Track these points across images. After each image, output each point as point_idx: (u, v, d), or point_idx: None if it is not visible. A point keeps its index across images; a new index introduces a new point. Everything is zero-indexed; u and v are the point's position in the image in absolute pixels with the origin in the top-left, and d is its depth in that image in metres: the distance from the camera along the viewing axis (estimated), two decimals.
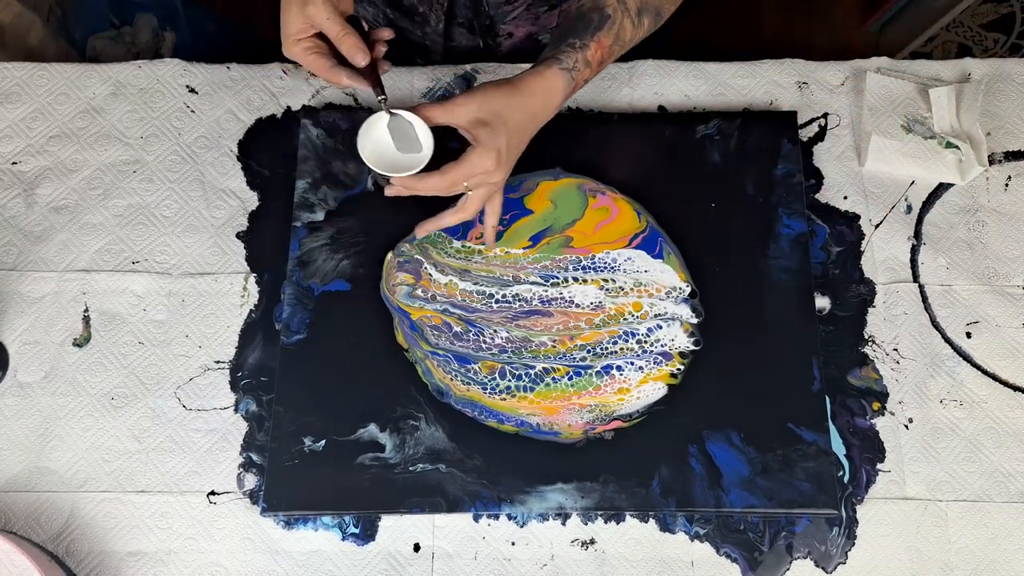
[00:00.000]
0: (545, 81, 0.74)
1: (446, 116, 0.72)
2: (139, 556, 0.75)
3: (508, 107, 0.73)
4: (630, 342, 0.80)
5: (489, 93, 0.73)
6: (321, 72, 0.72)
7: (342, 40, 0.70)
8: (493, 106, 0.72)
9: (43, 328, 0.82)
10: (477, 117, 0.72)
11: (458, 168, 0.71)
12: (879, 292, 0.84)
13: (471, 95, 0.72)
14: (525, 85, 0.74)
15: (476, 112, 0.72)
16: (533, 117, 0.74)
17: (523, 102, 0.73)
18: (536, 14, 0.93)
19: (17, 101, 0.90)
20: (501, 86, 0.73)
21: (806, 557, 0.76)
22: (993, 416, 0.80)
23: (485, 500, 0.75)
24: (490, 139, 0.71)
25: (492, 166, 0.72)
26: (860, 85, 0.91)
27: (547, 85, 0.74)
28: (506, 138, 0.72)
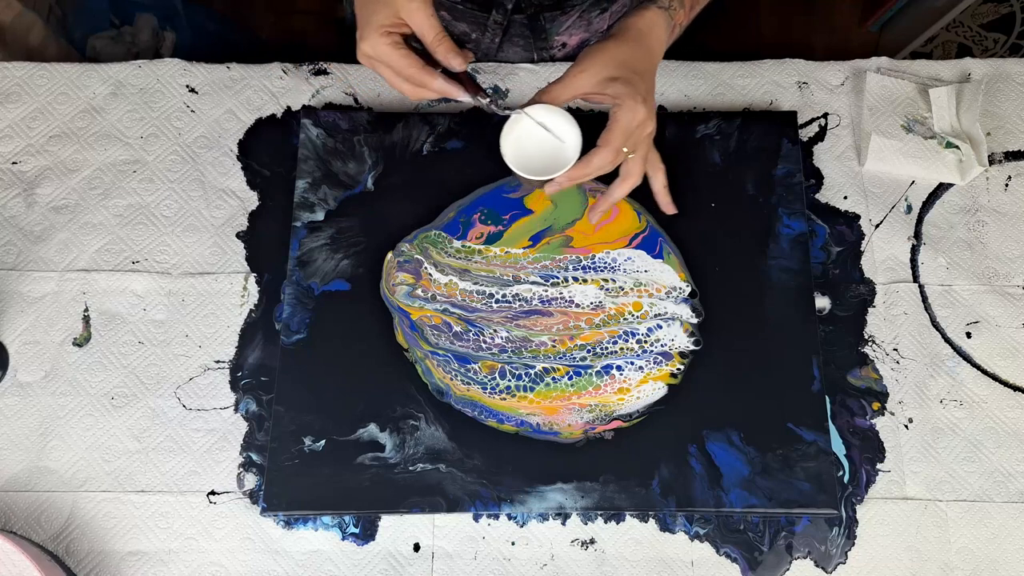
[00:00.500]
0: (646, 20, 0.71)
1: (570, 90, 0.70)
2: (139, 556, 0.75)
3: (628, 55, 0.70)
4: (630, 342, 0.80)
5: (602, 51, 0.70)
6: (412, 71, 0.66)
7: (440, 42, 0.66)
8: (614, 60, 0.69)
9: (43, 328, 0.82)
10: (603, 77, 0.69)
11: (615, 132, 0.68)
12: (879, 292, 0.84)
13: (584, 60, 0.69)
14: (630, 30, 0.71)
15: (599, 72, 0.69)
16: (650, 57, 0.72)
17: (637, 46, 0.71)
18: (588, 19, 0.92)
19: (17, 101, 0.90)
20: (608, 42, 0.70)
21: (806, 557, 0.76)
22: (993, 416, 0.80)
23: (485, 500, 0.75)
24: (629, 89, 0.68)
25: (644, 114, 0.69)
26: (860, 85, 0.91)
27: (649, 23, 0.71)
28: (643, 84, 0.69)
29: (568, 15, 0.89)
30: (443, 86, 0.66)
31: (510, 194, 0.85)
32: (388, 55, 0.65)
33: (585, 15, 0.91)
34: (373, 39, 0.65)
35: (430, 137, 0.87)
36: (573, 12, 0.89)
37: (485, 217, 0.84)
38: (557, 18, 0.90)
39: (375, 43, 0.65)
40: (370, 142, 0.87)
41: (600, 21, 0.93)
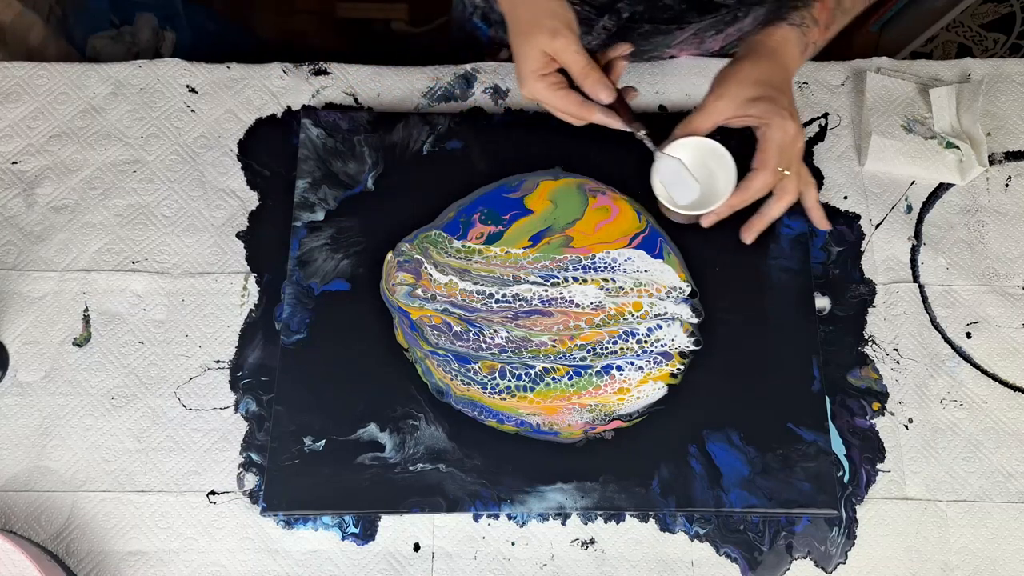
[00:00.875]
0: (776, 38, 0.71)
1: (712, 118, 0.70)
2: (139, 556, 0.75)
3: (763, 72, 0.70)
4: (630, 342, 0.80)
5: (736, 73, 0.70)
6: (571, 109, 0.69)
7: (587, 75, 0.68)
8: (749, 79, 0.69)
9: (43, 328, 0.82)
10: (743, 99, 0.69)
11: (769, 152, 0.68)
12: (879, 292, 0.84)
13: (720, 86, 0.69)
14: (761, 48, 0.71)
15: (738, 95, 0.69)
16: (785, 72, 0.71)
17: (770, 63, 0.70)
18: (702, 38, 0.92)
19: (17, 100, 0.90)
20: (742, 61, 0.70)
21: (806, 557, 0.76)
22: (993, 416, 0.80)
23: (485, 500, 0.75)
24: (773, 107, 0.68)
25: (793, 129, 0.69)
26: (860, 85, 0.91)
27: (780, 40, 0.71)
28: (785, 98, 0.69)
29: (683, 30, 0.89)
30: (602, 118, 0.70)
31: (510, 194, 0.85)
32: (547, 97, 0.69)
33: (700, 34, 0.91)
34: (529, 84, 0.69)
35: (430, 137, 0.87)
36: (689, 29, 0.89)
37: (485, 217, 0.84)
38: (672, 31, 0.89)
39: (532, 88, 0.69)
40: (370, 142, 0.87)
41: (713, 41, 0.93)
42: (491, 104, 0.91)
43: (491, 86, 0.92)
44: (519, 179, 0.86)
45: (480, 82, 0.92)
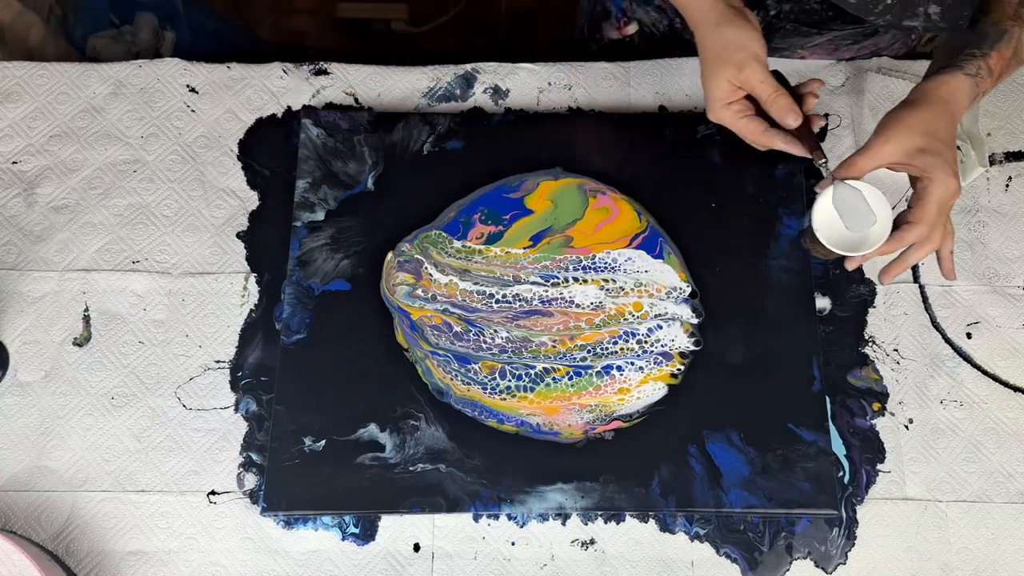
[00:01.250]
0: (949, 87, 0.72)
1: (875, 160, 0.71)
2: (139, 555, 0.75)
3: (932, 123, 0.71)
4: (630, 342, 0.80)
5: (904, 119, 0.71)
6: (755, 136, 0.72)
7: (774, 101, 0.70)
8: (918, 129, 0.70)
9: (43, 328, 0.82)
10: (910, 147, 0.70)
11: (930, 207, 0.70)
12: (879, 292, 0.84)
13: (888, 130, 0.71)
14: (933, 96, 0.72)
15: (905, 142, 0.70)
16: (952, 123, 0.72)
17: (940, 113, 0.71)
18: (837, 45, 0.93)
19: (17, 100, 0.90)
20: (912, 108, 0.71)
21: (806, 557, 0.76)
22: (993, 416, 0.80)
23: (485, 500, 0.75)
24: (939, 161, 0.70)
25: (954, 187, 0.70)
26: (861, 85, 0.91)
27: (952, 89, 0.72)
28: (949, 153, 0.70)
29: (822, 35, 0.90)
30: (783, 145, 0.72)
31: (510, 194, 0.85)
32: (733, 124, 0.73)
33: (837, 41, 0.92)
34: (717, 111, 0.73)
35: (430, 137, 0.87)
36: (828, 35, 0.90)
37: (485, 217, 0.84)
38: (811, 35, 0.90)
39: (719, 115, 0.73)
40: (370, 142, 0.87)
41: (847, 51, 0.94)
42: (491, 104, 0.91)
43: (491, 86, 0.92)
44: (519, 179, 0.86)
45: (480, 82, 0.92)
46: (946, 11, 0.80)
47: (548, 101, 0.91)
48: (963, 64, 0.73)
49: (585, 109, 0.91)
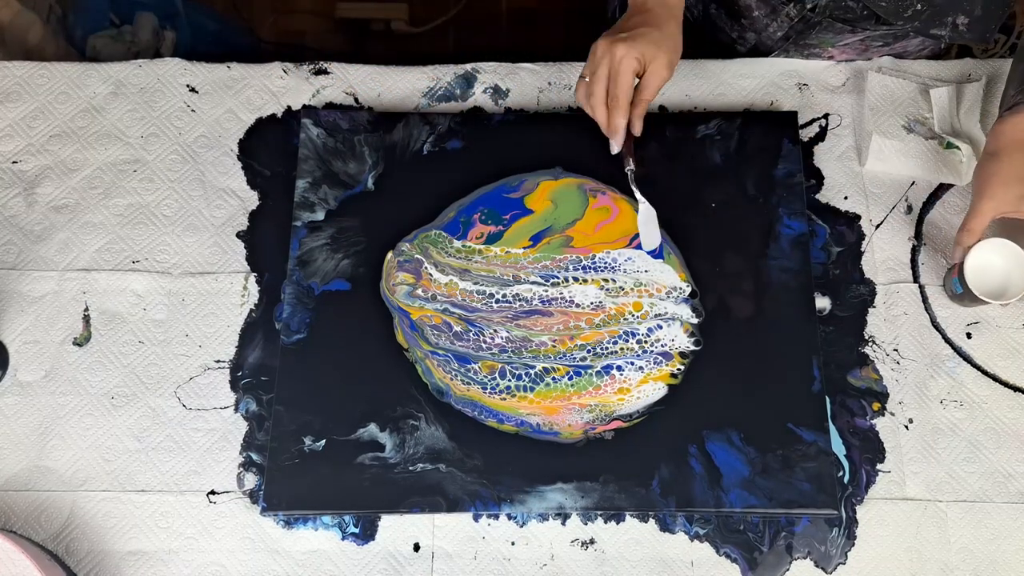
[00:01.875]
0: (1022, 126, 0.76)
1: (985, 219, 0.76)
2: (139, 555, 0.75)
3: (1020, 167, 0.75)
4: (630, 342, 0.80)
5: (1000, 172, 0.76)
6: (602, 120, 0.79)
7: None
8: (1012, 177, 0.75)
9: (43, 327, 0.82)
10: (1011, 198, 0.75)
11: None
12: (879, 292, 0.84)
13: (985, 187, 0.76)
14: (1012, 142, 0.76)
15: (1007, 194, 0.75)
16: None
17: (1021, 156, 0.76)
18: (867, 45, 0.94)
19: (17, 100, 0.90)
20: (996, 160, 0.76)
21: (806, 557, 0.75)
22: (993, 417, 0.80)
23: (485, 500, 0.75)
24: None
25: None
26: (861, 85, 0.91)
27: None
28: None
29: (855, 34, 0.91)
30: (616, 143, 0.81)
31: (510, 194, 0.85)
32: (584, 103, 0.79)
33: (867, 42, 0.93)
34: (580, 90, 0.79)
35: (430, 137, 0.87)
36: (860, 34, 0.91)
37: (485, 217, 0.84)
38: (843, 32, 0.91)
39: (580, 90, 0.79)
40: (370, 142, 0.87)
41: (875, 52, 0.95)
42: (491, 104, 0.91)
43: (491, 86, 0.92)
44: (519, 179, 0.85)
45: (480, 82, 0.92)
46: (973, 23, 0.84)
47: (548, 101, 0.91)
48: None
49: None
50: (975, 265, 0.78)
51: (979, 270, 0.78)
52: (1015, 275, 0.78)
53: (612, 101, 0.77)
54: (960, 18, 0.84)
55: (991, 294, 0.78)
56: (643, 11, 0.78)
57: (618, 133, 0.78)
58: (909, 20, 0.84)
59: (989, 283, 0.79)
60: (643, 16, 0.78)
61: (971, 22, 0.84)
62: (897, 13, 0.83)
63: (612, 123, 0.78)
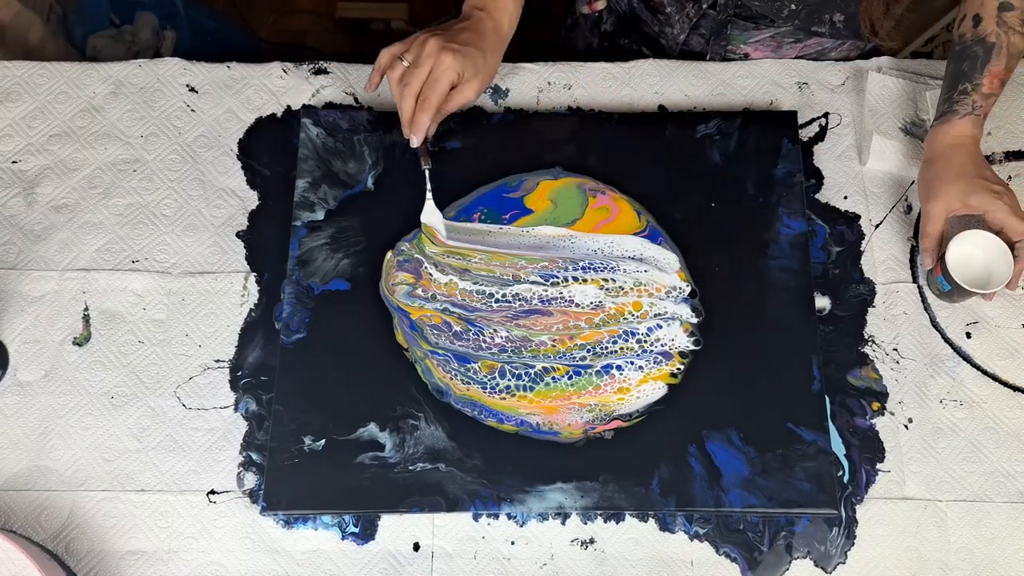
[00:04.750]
0: (953, 132, 0.79)
1: (938, 223, 0.78)
2: (139, 555, 0.75)
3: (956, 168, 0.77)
4: (630, 342, 0.80)
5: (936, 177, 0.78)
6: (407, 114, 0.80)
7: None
8: (951, 177, 0.77)
9: (43, 327, 0.82)
10: (955, 199, 0.77)
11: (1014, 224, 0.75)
12: (879, 292, 0.84)
13: (929, 192, 0.78)
14: (943, 148, 0.79)
15: (949, 195, 0.77)
16: (968, 154, 0.78)
17: (954, 158, 0.78)
18: (780, 43, 0.95)
19: (17, 100, 0.90)
20: (932, 166, 0.79)
21: (805, 557, 0.75)
22: (993, 416, 0.80)
23: (485, 499, 0.75)
24: (984, 193, 0.76)
25: (1009, 200, 0.76)
26: (861, 85, 0.91)
27: (957, 134, 0.79)
28: (982, 178, 0.77)
29: (761, 31, 0.92)
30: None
31: (510, 194, 0.85)
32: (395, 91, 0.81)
33: (778, 38, 0.94)
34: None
35: (430, 137, 0.87)
36: (767, 31, 0.92)
37: (485, 217, 0.84)
38: (749, 29, 0.92)
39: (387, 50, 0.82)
40: (370, 141, 0.87)
41: (790, 49, 0.96)
42: (491, 104, 0.91)
43: (491, 86, 0.91)
44: (519, 179, 0.86)
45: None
46: (850, 20, 0.86)
47: (548, 101, 0.91)
48: (958, 107, 0.79)
49: (585, 109, 0.91)
50: (957, 259, 0.78)
51: (961, 263, 0.78)
52: (996, 262, 0.78)
53: (423, 101, 0.79)
54: (836, 15, 0.87)
55: (978, 284, 0.78)
56: (478, 31, 0.81)
57: (420, 131, 0.80)
58: (788, 19, 0.86)
59: (973, 274, 0.79)
60: (477, 35, 0.81)
61: (847, 19, 0.86)
62: (775, 12, 0.85)
63: (417, 120, 0.79)
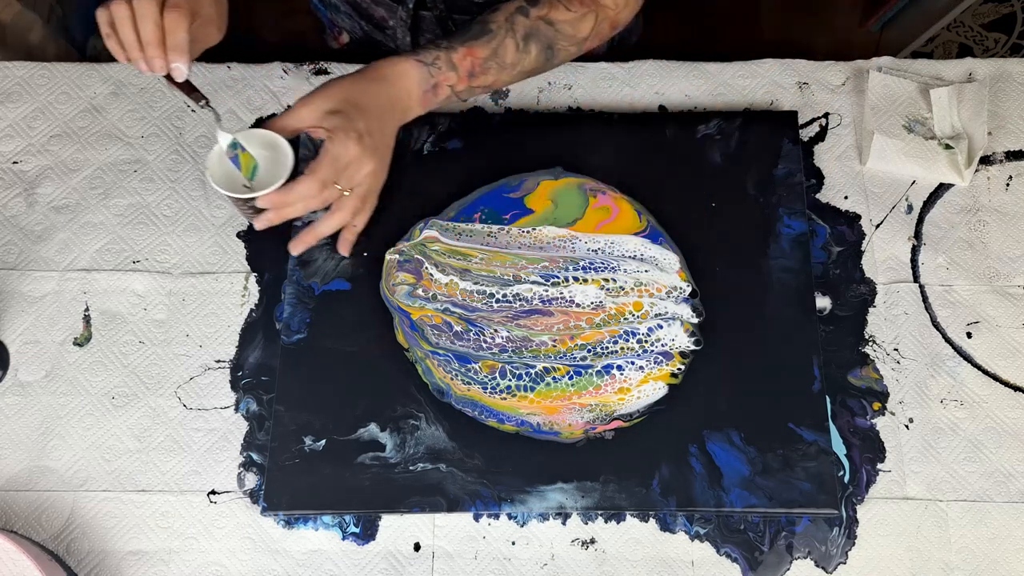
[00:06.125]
0: (396, 68, 0.73)
1: (293, 122, 0.70)
2: (139, 555, 0.75)
3: (358, 92, 0.71)
4: (630, 342, 0.80)
5: (333, 85, 0.71)
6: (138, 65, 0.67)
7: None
8: (340, 95, 0.70)
9: (44, 327, 0.82)
10: (325, 111, 0.69)
11: (322, 163, 0.68)
12: (880, 292, 0.84)
13: (313, 92, 0.70)
14: (373, 71, 0.72)
15: (321, 106, 0.70)
16: (391, 103, 0.72)
17: (374, 87, 0.71)
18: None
19: (18, 100, 0.90)
20: (346, 76, 0.72)
21: (806, 557, 0.75)
22: (993, 416, 0.80)
23: (485, 499, 0.75)
24: (345, 123, 0.69)
25: (356, 151, 0.69)
26: (861, 85, 0.91)
27: (398, 72, 0.73)
28: (364, 122, 0.70)
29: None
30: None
31: (510, 194, 0.85)
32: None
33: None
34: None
35: (431, 137, 0.87)
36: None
37: (485, 217, 0.84)
38: (466, 23, 0.90)
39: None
40: None
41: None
42: (491, 104, 0.91)
43: None
44: (519, 179, 0.86)
45: None
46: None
47: (548, 101, 0.92)
48: (421, 52, 0.74)
49: (585, 109, 0.91)
50: (223, 157, 0.72)
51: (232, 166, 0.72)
52: (272, 161, 0.72)
53: (170, 35, 0.66)
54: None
55: (238, 191, 0.72)
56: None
57: (179, 54, 0.67)
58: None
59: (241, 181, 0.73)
60: None
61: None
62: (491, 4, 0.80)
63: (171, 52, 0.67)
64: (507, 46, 0.76)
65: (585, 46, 0.81)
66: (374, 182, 0.74)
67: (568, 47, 0.80)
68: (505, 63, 0.77)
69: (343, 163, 0.69)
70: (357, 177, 0.71)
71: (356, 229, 0.77)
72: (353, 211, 0.73)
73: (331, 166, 0.69)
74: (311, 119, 0.70)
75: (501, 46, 0.76)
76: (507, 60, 0.77)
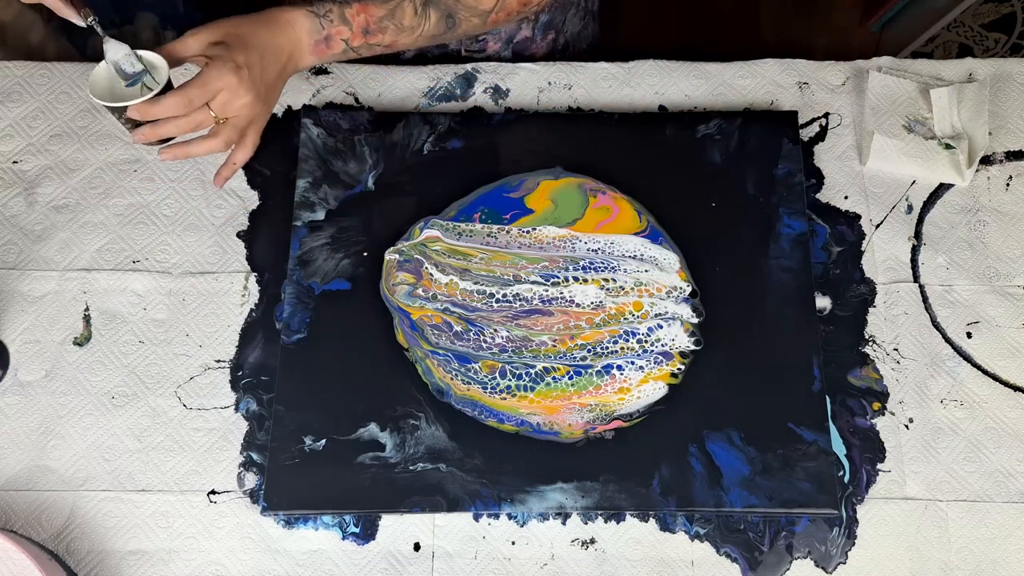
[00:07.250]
0: (286, 15, 0.74)
1: (180, 48, 0.71)
2: (139, 555, 0.75)
3: (246, 29, 0.72)
4: (630, 341, 0.80)
5: (223, 21, 0.73)
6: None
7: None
8: (227, 29, 0.72)
9: (44, 327, 0.82)
10: (209, 41, 0.71)
11: (193, 82, 0.69)
12: (879, 292, 0.84)
13: (203, 26, 0.72)
14: (265, 15, 0.74)
15: (208, 38, 0.71)
16: (276, 46, 0.74)
17: (262, 29, 0.73)
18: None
19: (18, 100, 0.90)
20: (239, 17, 0.73)
21: (806, 557, 0.75)
22: (993, 416, 0.80)
23: (485, 499, 0.75)
24: (227, 53, 0.70)
25: (232, 80, 0.70)
26: (861, 85, 0.91)
27: (288, 19, 0.74)
28: (244, 55, 0.71)
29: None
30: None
31: (510, 194, 0.85)
32: None
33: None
34: None
35: (430, 137, 0.87)
36: None
37: (485, 217, 0.84)
38: None
39: None
40: (371, 142, 0.87)
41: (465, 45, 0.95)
42: (491, 104, 0.91)
43: (491, 86, 0.92)
44: (519, 179, 0.86)
45: (480, 82, 0.92)
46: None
47: (548, 101, 0.92)
48: (316, 4, 0.75)
49: (585, 109, 0.91)
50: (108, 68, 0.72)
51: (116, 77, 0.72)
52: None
53: None
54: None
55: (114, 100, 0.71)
56: None
57: None
58: None
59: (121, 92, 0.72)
60: None
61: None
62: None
63: None
64: (405, 8, 0.78)
65: (491, 19, 0.82)
66: (252, 116, 0.74)
67: (470, 18, 0.81)
68: (403, 25, 0.79)
69: (214, 87, 0.70)
70: (232, 106, 0.72)
71: (235, 166, 0.77)
72: (227, 142, 0.74)
73: (201, 87, 0.69)
74: (196, 49, 0.72)
75: (399, 8, 0.78)
76: (404, 23, 0.79)
